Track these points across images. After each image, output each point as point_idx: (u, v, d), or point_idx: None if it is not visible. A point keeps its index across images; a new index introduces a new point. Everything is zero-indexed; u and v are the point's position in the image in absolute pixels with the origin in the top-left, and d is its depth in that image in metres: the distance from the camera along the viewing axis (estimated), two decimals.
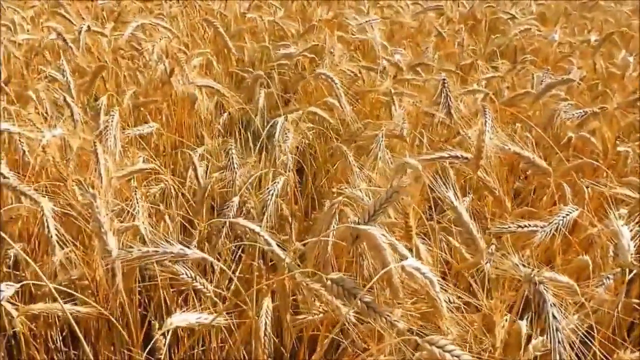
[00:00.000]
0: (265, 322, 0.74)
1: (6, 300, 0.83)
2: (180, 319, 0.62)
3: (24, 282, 0.63)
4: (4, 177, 0.89)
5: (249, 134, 1.61)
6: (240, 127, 1.85)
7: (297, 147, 1.22)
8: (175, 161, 1.50)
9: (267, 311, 0.74)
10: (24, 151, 0.96)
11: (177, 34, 1.73)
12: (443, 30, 2.14)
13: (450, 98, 0.96)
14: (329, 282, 0.55)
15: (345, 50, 1.88)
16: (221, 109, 1.70)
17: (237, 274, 1.04)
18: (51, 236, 0.72)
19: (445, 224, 0.85)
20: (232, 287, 1.00)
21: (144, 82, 1.49)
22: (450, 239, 0.91)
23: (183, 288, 1.06)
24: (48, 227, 0.72)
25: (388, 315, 0.54)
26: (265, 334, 0.74)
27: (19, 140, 0.95)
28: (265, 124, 1.65)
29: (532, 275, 0.53)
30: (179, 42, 1.75)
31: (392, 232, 0.67)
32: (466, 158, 0.81)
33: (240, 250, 1.04)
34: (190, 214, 1.04)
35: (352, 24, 2.08)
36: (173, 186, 1.03)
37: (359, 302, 0.54)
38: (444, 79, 0.98)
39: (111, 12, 2.25)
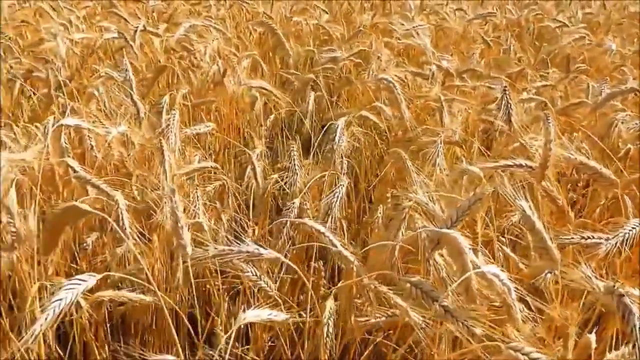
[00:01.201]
0: (328, 323, 0.75)
1: None
2: (253, 315, 0.63)
3: (106, 273, 0.65)
4: (74, 171, 0.92)
5: (297, 136, 1.63)
6: (284, 128, 1.87)
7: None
8: (224, 161, 1.52)
9: (329, 312, 0.75)
10: (92, 146, 0.99)
11: (229, 36, 1.75)
12: (489, 37, 2.12)
13: (511, 105, 0.96)
14: (407, 285, 0.56)
15: (392, 56, 1.88)
16: (268, 111, 1.72)
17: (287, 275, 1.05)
18: (125, 228, 0.75)
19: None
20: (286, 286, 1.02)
21: (196, 82, 1.52)
22: (505, 248, 0.91)
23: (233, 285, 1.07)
24: (123, 219, 0.74)
25: (465, 321, 0.54)
26: (327, 335, 0.75)
27: (87, 136, 0.98)
28: (314, 126, 1.68)
29: (614, 288, 0.53)
30: (230, 44, 1.77)
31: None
32: (530, 167, 0.81)
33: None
34: (244, 214, 1.06)
35: (398, 30, 2.09)
36: (231, 185, 1.05)
37: (437, 306, 0.54)
38: (505, 86, 0.98)
39: (161, 13, 2.30)
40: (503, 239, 0.97)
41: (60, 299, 0.59)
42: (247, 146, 1.61)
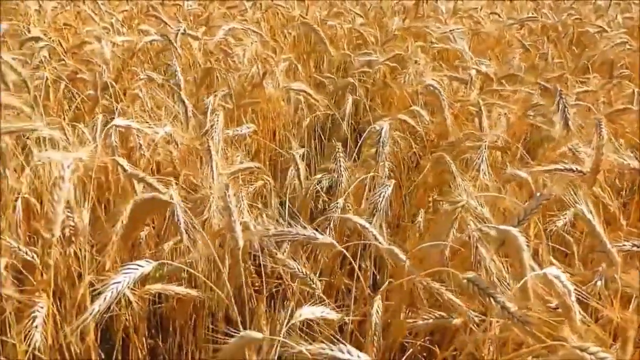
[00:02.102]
0: (376, 322, 0.75)
1: None
2: (308, 311, 0.63)
3: (161, 261, 0.66)
4: (124, 170, 0.94)
5: (333, 138, 1.64)
6: (319, 131, 1.88)
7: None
8: (261, 162, 1.54)
9: (377, 310, 0.75)
10: (140, 145, 1.01)
11: (267, 39, 1.77)
12: (525, 41, 2.10)
13: (567, 109, 0.95)
14: (465, 281, 0.56)
15: (427, 60, 1.88)
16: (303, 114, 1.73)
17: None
18: (180, 223, 0.76)
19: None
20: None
21: (234, 84, 1.54)
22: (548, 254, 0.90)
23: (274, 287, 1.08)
24: (178, 215, 0.75)
25: (522, 317, 0.54)
26: (375, 333, 0.75)
27: (136, 136, 1.00)
28: (350, 129, 1.68)
29: None
30: (267, 47, 1.79)
31: None
32: (581, 172, 0.80)
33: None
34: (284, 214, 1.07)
35: (433, 33, 2.08)
36: (273, 186, 1.06)
37: (494, 302, 0.54)
38: (560, 90, 0.97)
39: (197, 16, 2.33)
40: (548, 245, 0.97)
41: (118, 282, 0.60)
42: (282, 148, 1.63)
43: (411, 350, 0.92)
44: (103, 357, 1.04)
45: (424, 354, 1.03)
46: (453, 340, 0.97)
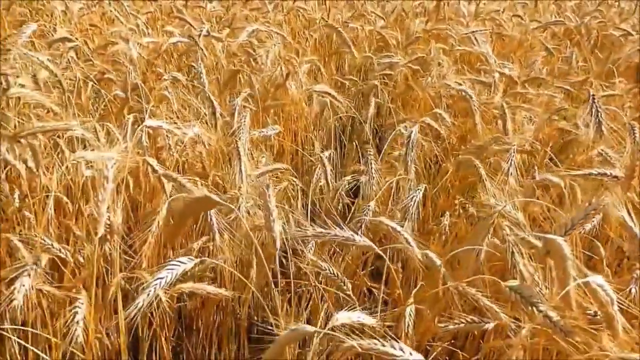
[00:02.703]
0: (408, 324, 0.76)
1: None
2: (345, 316, 0.63)
3: (203, 258, 0.67)
4: (154, 171, 0.95)
5: (355, 141, 1.64)
6: (340, 133, 1.89)
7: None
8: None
9: (410, 314, 0.75)
10: (170, 146, 1.02)
11: (290, 41, 1.78)
12: (548, 44, 2.09)
13: (601, 114, 0.94)
14: (507, 289, 0.56)
15: (450, 62, 1.87)
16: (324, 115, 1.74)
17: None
18: (213, 223, 0.77)
19: None
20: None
21: (258, 85, 1.54)
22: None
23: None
24: (211, 215, 0.76)
25: (563, 326, 0.54)
26: (407, 337, 0.75)
27: (166, 136, 1.01)
28: (372, 131, 1.69)
29: None
30: (289, 49, 1.80)
31: None
32: (616, 177, 0.79)
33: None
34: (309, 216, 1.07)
35: (455, 35, 2.08)
36: (300, 187, 1.07)
37: (536, 311, 0.54)
38: (592, 95, 0.96)
39: (219, 17, 2.35)
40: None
41: (162, 277, 0.61)
42: (303, 149, 1.63)
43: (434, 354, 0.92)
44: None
45: (446, 358, 1.03)
46: (479, 346, 0.97)
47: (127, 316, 0.58)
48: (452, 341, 1.00)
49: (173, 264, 0.60)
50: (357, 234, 0.65)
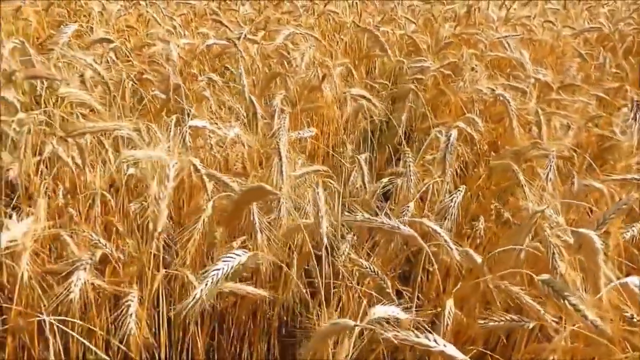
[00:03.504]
0: (447, 323, 0.77)
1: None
2: (382, 311, 0.65)
3: (254, 252, 0.69)
4: (196, 170, 0.98)
5: (388, 144, 1.65)
6: (370, 136, 1.90)
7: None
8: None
9: (449, 311, 0.76)
10: (211, 146, 1.04)
11: (325, 44, 1.80)
12: (581, 50, 2.08)
13: None
14: (539, 283, 0.57)
15: (482, 67, 1.87)
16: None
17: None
18: (255, 222, 0.79)
19: None
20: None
21: (292, 87, 1.57)
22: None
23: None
24: (254, 213, 0.78)
25: (595, 320, 0.55)
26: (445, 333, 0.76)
27: (209, 136, 1.03)
28: (404, 135, 1.69)
29: None
30: (323, 52, 1.82)
31: None
32: None
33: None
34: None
35: (486, 40, 2.08)
36: (337, 188, 1.08)
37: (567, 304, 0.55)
38: (637, 102, 0.97)
39: (251, 20, 2.38)
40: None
41: (218, 269, 0.63)
42: (334, 151, 1.65)
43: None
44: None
45: None
46: (514, 347, 0.97)
47: (184, 307, 0.60)
48: (484, 346, 1.01)
49: (229, 257, 0.62)
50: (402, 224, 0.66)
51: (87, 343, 0.78)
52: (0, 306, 0.92)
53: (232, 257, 0.62)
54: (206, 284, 0.60)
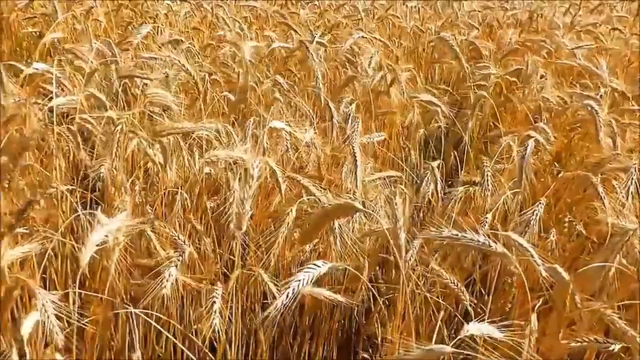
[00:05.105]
0: (530, 340, 0.75)
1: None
2: (475, 328, 0.64)
3: (333, 263, 0.69)
4: (273, 171, 0.99)
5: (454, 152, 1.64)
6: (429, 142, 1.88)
7: None
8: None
9: (533, 329, 0.75)
10: (287, 148, 1.05)
11: (392, 48, 1.80)
12: None
13: None
14: None
15: (550, 75, 1.84)
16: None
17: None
18: (335, 227, 0.79)
19: None
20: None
21: (359, 91, 1.57)
22: None
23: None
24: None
25: None
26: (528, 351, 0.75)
27: (286, 138, 1.05)
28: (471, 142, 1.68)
29: None
30: (388, 56, 1.82)
31: None
32: None
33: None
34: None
35: (551, 48, 2.03)
36: (409, 194, 1.08)
37: None
38: None
39: (312, 23, 2.40)
40: None
41: (299, 280, 0.64)
42: (395, 155, 1.64)
43: None
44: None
45: None
46: None
47: (265, 318, 0.61)
48: None
49: (309, 267, 0.62)
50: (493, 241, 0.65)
51: (169, 335, 0.80)
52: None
53: (312, 268, 0.63)
54: (287, 295, 0.61)
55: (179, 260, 0.73)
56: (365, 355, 1.31)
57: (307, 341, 1.26)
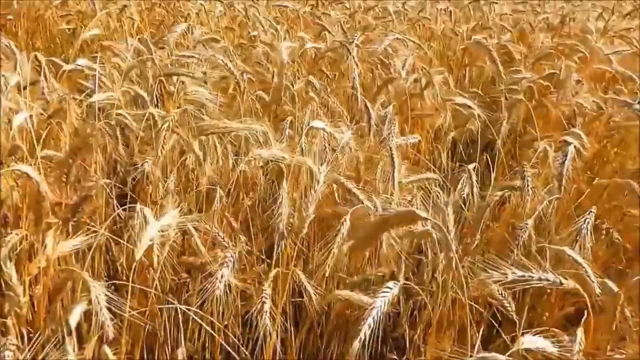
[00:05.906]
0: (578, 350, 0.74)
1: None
2: (529, 341, 0.63)
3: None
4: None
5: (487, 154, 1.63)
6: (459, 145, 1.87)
7: None
8: None
9: (580, 342, 0.74)
10: (325, 147, 1.06)
11: (426, 50, 1.79)
12: None
13: None
14: None
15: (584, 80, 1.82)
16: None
17: None
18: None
19: None
20: None
21: (393, 93, 1.56)
22: None
23: None
24: None
25: None
26: None
27: (323, 138, 1.05)
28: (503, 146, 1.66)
29: None
30: (421, 59, 1.81)
31: None
32: None
33: None
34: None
35: (586, 52, 2.01)
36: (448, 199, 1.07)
37: None
38: None
39: (345, 24, 2.40)
40: None
41: (375, 308, 0.64)
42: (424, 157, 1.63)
43: None
44: None
45: None
46: None
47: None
48: None
49: (384, 292, 0.63)
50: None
51: (214, 334, 0.81)
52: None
53: (386, 292, 0.63)
54: (369, 326, 0.61)
55: (231, 261, 0.73)
56: (394, 357, 1.30)
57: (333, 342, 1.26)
